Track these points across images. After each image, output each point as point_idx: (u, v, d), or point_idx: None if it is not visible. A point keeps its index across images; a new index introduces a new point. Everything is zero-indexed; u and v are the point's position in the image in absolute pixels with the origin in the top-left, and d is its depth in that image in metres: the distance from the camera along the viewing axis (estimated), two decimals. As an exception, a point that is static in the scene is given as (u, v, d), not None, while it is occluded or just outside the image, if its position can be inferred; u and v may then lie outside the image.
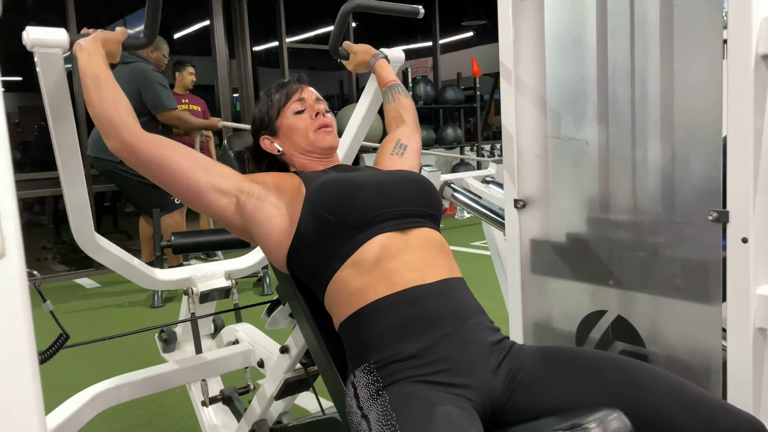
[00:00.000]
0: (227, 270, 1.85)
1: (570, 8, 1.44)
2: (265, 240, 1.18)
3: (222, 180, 1.17)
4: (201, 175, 1.15)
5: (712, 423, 0.91)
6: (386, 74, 1.59)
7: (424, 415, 0.89)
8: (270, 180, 1.22)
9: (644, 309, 1.40)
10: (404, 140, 1.45)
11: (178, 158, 1.14)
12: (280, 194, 1.19)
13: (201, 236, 2.30)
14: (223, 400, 1.82)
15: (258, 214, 1.17)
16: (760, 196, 1.19)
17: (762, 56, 1.15)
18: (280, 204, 1.18)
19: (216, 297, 1.82)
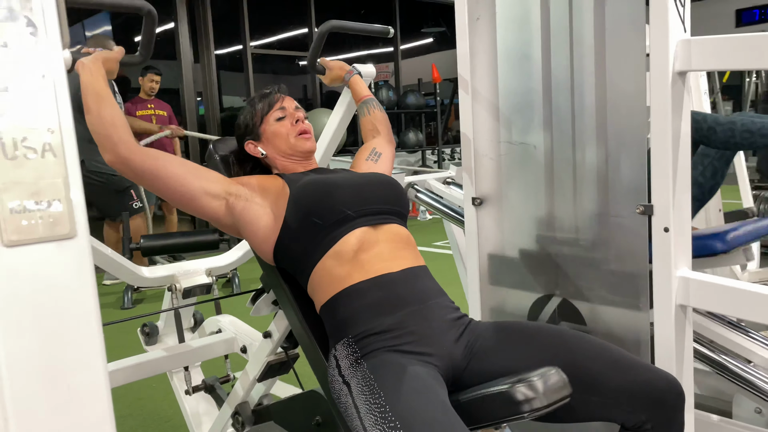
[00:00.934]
0: (208, 267, 1.98)
1: (518, 28, 1.63)
2: (252, 236, 1.33)
3: (212, 185, 1.30)
4: (193, 181, 1.28)
5: (632, 377, 1.11)
6: (360, 90, 1.75)
7: (398, 375, 1.06)
8: (255, 182, 1.37)
9: (585, 292, 1.60)
10: (379, 149, 1.62)
11: (171, 168, 1.26)
12: (265, 194, 1.34)
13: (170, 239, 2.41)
14: (205, 389, 1.95)
15: (246, 214, 1.31)
16: (679, 192, 1.40)
17: (678, 73, 1.35)
18: (265, 203, 1.32)
19: (198, 293, 1.95)
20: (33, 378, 0.62)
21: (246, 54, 7.53)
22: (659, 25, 1.34)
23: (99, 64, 1.28)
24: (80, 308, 0.65)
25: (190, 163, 1.32)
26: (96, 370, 0.66)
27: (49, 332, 0.63)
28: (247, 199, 1.32)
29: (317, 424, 1.46)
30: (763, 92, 2.92)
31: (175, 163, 1.29)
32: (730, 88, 9.34)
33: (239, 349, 1.82)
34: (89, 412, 0.66)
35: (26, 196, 0.62)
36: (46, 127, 0.64)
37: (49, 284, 0.63)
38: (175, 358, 1.78)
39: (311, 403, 1.47)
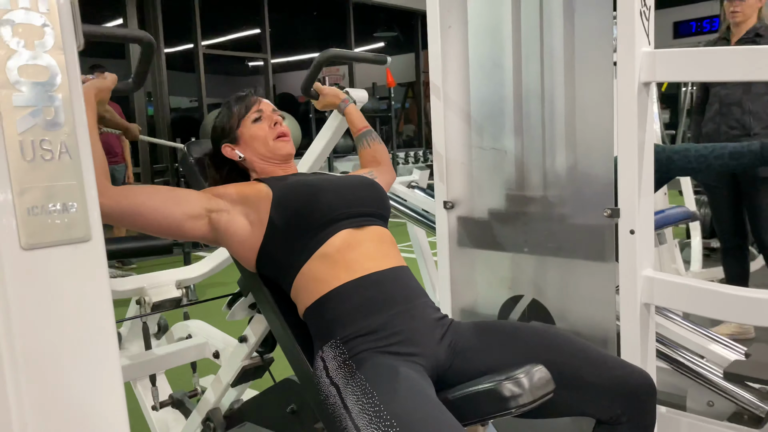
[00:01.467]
0: (178, 279, 1.91)
1: (490, 37, 1.68)
2: (236, 245, 1.31)
3: (193, 207, 1.26)
4: (175, 210, 1.23)
5: (608, 373, 1.16)
6: (358, 121, 1.74)
7: (390, 376, 1.07)
8: (233, 191, 1.34)
9: (554, 292, 1.66)
10: (375, 173, 1.61)
11: (149, 202, 1.20)
12: (246, 202, 1.31)
13: (120, 243, 2.36)
14: (173, 404, 1.90)
15: (231, 226, 1.29)
16: (643, 196, 1.47)
17: (643, 83, 1.43)
18: (248, 212, 1.30)
19: (167, 307, 1.86)
20: (49, 377, 0.62)
21: (197, 54, 7.40)
22: (626, 38, 1.41)
23: (91, 95, 1.21)
24: (95, 311, 0.65)
25: (165, 189, 1.26)
26: (112, 370, 0.66)
27: (65, 334, 0.63)
28: (229, 212, 1.29)
29: (292, 411, 1.46)
30: (695, 104, 3.11)
31: (153, 194, 1.23)
32: (667, 97, 9.78)
33: (211, 354, 1.80)
34: (104, 408, 0.66)
35: (43, 199, 0.62)
36: (62, 129, 0.63)
37: (65, 287, 0.63)
38: (144, 366, 1.74)
39: (285, 392, 1.46)
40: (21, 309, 0.60)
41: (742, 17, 2.76)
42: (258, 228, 1.29)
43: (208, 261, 1.96)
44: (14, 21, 0.61)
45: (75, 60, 0.65)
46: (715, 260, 4.49)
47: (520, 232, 1.70)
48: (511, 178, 1.69)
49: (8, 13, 0.61)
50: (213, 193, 1.33)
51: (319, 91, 1.77)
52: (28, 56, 0.62)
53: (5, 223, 0.59)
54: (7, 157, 0.59)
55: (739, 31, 2.80)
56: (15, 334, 0.60)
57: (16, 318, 0.60)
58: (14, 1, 0.61)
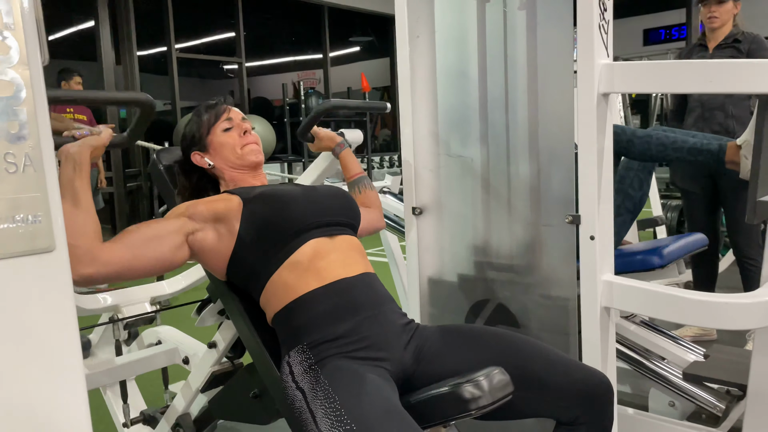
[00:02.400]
0: (152, 296, 1.88)
1: (456, 47, 1.73)
2: (207, 258, 1.32)
3: (174, 239, 1.25)
4: (165, 250, 1.23)
5: (568, 376, 1.20)
6: (353, 167, 1.77)
7: (352, 380, 1.10)
8: (203, 208, 1.33)
9: (519, 296, 1.71)
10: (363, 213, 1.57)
11: (138, 253, 1.18)
12: (216, 218, 1.31)
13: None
14: (144, 421, 1.90)
15: (204, 243, 1.30)
16: (603, 203, 1.52)
17: (602, 94, 1.48)
18: (218, 226, 1.31)
19: (140, 324, 1.85)
20: (13, 386, 0.63)
21: (171, 56, 7.35)
22: (585, 50, 1.46)
23: (86, 156, 1.19)
24: (59, 317, 0.67)
25: (146, 231, 1.24)
26: (75, 377, 0.67)
27: (29, 341, 0.64)
28: (202, 230, 1.30)
29: (254, 395, 1.47)
30: (670, 111, 3.18)
31: (143, 242, 1.20)
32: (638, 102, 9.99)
33: (181, 360, 1.81)
34: (67, 416, 0.68)
35: (7, 210, 0.63)
36: (27, 143, 0.65)
37: (29, 295, 0.65)
38: (114, 372, 1.74)
39: (245, 379, 1.48)
40: (-15, 318, 0.62)
41: (719, 23, 2.82)
42: (228, 239, 1.30)
43: (182, 278, 1.93)
44: (-22, 38, 0.62)
45: (40, 75, 0.67)
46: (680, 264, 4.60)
47: (486, 237, 1.74)
48: (477, 184, 1.73)
49: (-28, 30, 0.62)
50: (186, 214, 1.31)
51: (316, 134, 1.80)
52: (-8, 71, 0.63)
53: (-31, 234, 0.60)
54: (-29, 170, 0.61)
55: (716, 37, 2.86)
56: (-22, 343, 0.61)
57: (-20, 327, 0.61)
58: (-22, 18, 0.63)
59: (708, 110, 2.87)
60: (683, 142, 1.81)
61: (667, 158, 1.86)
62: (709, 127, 2.85)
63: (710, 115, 2.86)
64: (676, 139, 1.83)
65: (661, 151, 1.83)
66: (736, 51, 2.79)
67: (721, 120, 2.84)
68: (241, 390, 1.50)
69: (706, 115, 2.88)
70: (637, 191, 1.94)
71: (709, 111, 2.87)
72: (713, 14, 2.81)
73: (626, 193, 1.93)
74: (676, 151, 1.82)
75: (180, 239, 1.26)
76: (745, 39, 2.79)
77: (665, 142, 1.83)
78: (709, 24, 2.84)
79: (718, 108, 2.84)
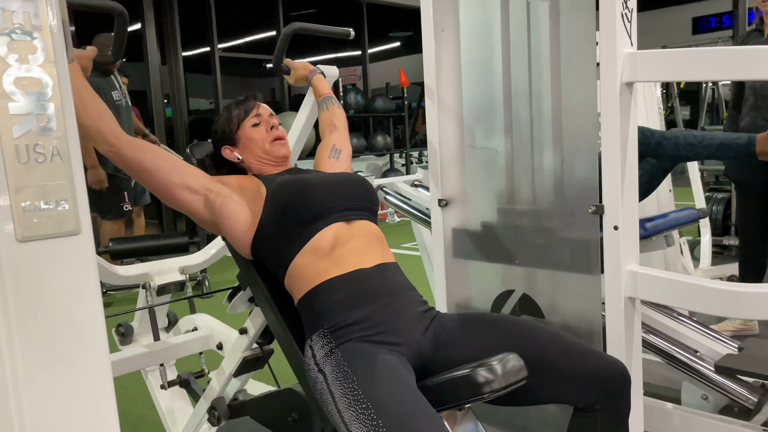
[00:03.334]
0: (181, 265, 2.04)
1: (481, 40, 1.74)
2: (231, 231, 1.40)
3: (192, 180, 1.37)
4: (176, 175, 1.35)
5: (583, 363, 1.21)
6: (321, 87, 1.84)
7: (370, 362, 1.14)
8: (234, 182, 1.44)
9: (543, 287, 1.71)
10: (339, 145, 1.71)
11: (157, 160, 1.33)
12: (243, 193, 1.41)
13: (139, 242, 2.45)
14: (180, 384, 2.00)
15: (225, 209, 1.38)
16: (627, 193, 1.52)
17: (625, 84, 1.47)
18: (243, 201, 1.40)
19: (171, 290, 2.00)
20: (43, 357, 0.69)
21: (214, 56, 7.53)
22: (608, 40, 1.46)
23: (74, 61, 1.31)
24: (85, 296, 0.72)
25: (175, 159, 1.39)
26: (99, 351, 0.73)
27: (56, 316, 0.70)
28: (226, 196, 1.39)
29: (293, 420, 1.53)
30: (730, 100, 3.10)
31: (162, 155, 1.35)
32: (687, 93, 9.70)
33: (215, 345, 1.88)
34: (92, 390, 0.73)
35: (37, 197, 0.69)
36: (54, 134, 0.71)
37: (57, 274, 0.70)
38: (153, 355, 1.83)
39: (287, 400, 1.53)
40: (17, 294, 0.68)
41: None
42: (252, 218, 1.38)
43: (208, 248, 2.07)
44: (10, 38, 0.68)
45: (65, 72, 0.72)
46: (726, 258, 4.48)
47: (510, 229, 1.75)
48: (502, 175, 1.74)
49: (4, 31, 0.69)
50: (216, 179, 1.43)
51: (290, 65, 1.88)
52: (23, 69, 0.69)
53: (2, 217, 0.67)
54: (4, 160, 0.67)
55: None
56: (12, 318, 0.67)
57: (12, 302, 0.67)
58: (9, 20, 0.69)
59: (761, 98, 2.79)
60: (711, 139, 1.80)
61: (698, 157, 1.85)
62: (762, 116, 2.77)
63: (763, 103, 2.78)
64: (704, 137, 1.82)
65: (690, 150, 1.83)
66: None
67: None
68: (281, 409, 1.56)
69: (759, 104, 2.79)
70: (643, 184, 1.93)
71: (762, 99, 2.78)
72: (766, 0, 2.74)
73: None
74: (705, 149, 1.81)
75: (196, 185, 1.37)
76: None
77: (693, 142, 1.82)
78: (765, 7, 2.77)
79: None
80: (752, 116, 2.82)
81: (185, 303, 2.14)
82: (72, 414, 0.71)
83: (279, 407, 1.59)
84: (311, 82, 1.87)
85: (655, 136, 1.87)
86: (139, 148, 1.31)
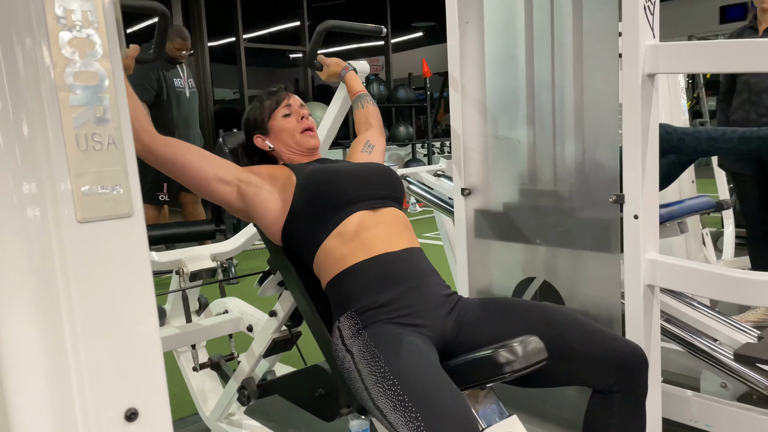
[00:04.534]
0: (213, 253, 2.11)
1: (505, 32, 1.77)
2: (263, 219, 1.46)
3: (225, 172, 1.43)
4: (209, 169, 1.41)
5: (602, 345, 1.26)
6: (355, 85, 1.89)
7: (396, 342, 1.20)
8: (265, 171, 1.50)
9: (564, 274, 1.75)
10: (372, 141, 1.76)
11: (189, 156, 1.39)
12: (274, 182, 1.47)
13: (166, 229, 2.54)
14: (211, 366, 2.08)
15: (256, 199, 1.44)
16: (647, 183, 1.54)
17: (647, 75, 1.50)
18: (274, 190, 1.46)
19: (204, 276, 2.08)
20: (100, 326, 0.76)
21: (239, 47, 7.62)
22: (630, 32, 1.48)
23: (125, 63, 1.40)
24: (137, 272, 0.79)
25: (206, 153, 1.45)
26: (150, 323, 0.80)
27: (114, 291, 0.77)
28: (258, 186, 1.45)
29: (320, 395, 1.59)
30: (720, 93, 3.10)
31: (193, 151, 1.41)
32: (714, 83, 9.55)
33: (245, 328, 1.96)
34: (145, 352, 0.80)
35: (95, 182, 0.76)
36: (110, 124, 0.77)
37: (112, 253, 0.77)
38: (186, 336, 1.91)
39: (314, 376, 1.60)
40: (77, 270, 0.74)
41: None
42: (283, 206, 1.43)
43: (238, 237, 2.14)
44: (71, 34, 0.75)
45: (119, 66, 0.79)
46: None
47: (531, 218, 1.79)
48: (524, 165, 1.78)
49: (65, 29, 0.75)
50: (247, 169, 1.49)
51: (323, 62, 1.92)
52: (81, 64, 0.75)
53: (65, 201, 0.73)
54: (66, 148, 0.73)
55: (766, 20, 2.78)
56: (72, 291, 0.74)
57: (74, 276, 0.74)
58: (70, 18, 0.75)
59: (755, 93, 2.78)
60: (732, 132, 1.83)
61: (719, 151, 1.88)
62: (755, 110, 2.77)
63: (757, 98, 2.78)
64: (725, 131, 1.85)
65: (711, 144, 1.85)
66: None
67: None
68: (308, 385, 1.62)
69: (753, 99, 2.79)
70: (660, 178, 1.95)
71: (756, 94, 2.78)
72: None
73: None
74: (727, 143, 1.83)
75: (229, 177, 1.42)
76: None
77: (714, 136, 1.85)
78: (760, 4, 2.75)
79: (766, 91, 2.75)
80: (745, 110, 2.82)
81: (214, 287, 2.22)
82: (125, 378, 0.78)
83: (306, 383, 1.65)
84: (344, 79, 1.91)
85: (677, 132, 1.90)
86: (170, 146, 1.36)
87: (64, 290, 0.74)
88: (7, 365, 0.72)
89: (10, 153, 0.72)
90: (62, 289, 0.74)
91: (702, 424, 1.88)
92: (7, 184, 0.72)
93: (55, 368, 0.74)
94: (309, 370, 1.64)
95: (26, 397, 0.73)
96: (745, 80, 2.85)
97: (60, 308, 0.74)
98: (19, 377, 0.73)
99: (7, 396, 0.72)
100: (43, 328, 0.73)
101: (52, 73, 0.73)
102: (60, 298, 0.74)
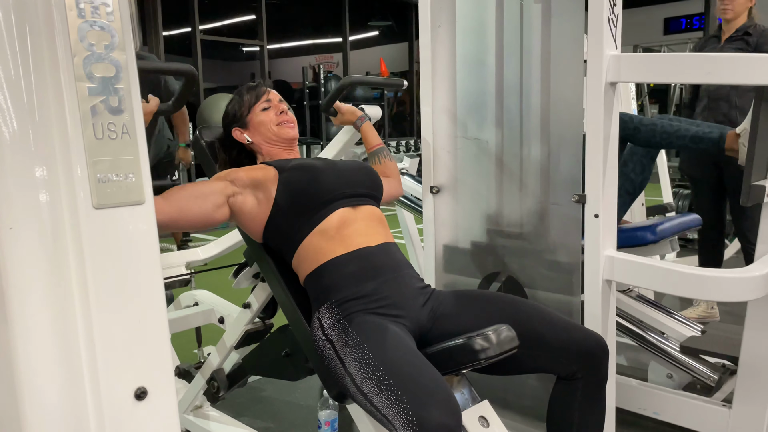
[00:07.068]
0: (188, 261, 2.07)
1: (475, 37, 1.85)
2: (246, 221, 1.47)
3: (217, 198, 1.42)
4: (208, 207, 1.39)
5: (568, 335, 1.34)
6: (372, 138, 1.91)
7: (378, 331, 1.25)
8: (243, 175, 1.48)
9: (527, 269, 1.84)
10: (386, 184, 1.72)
11: (187, 206, 1.35)
12: (255, 185, 1.47)
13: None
14: (179, 375, 2.07)
15: (243, 206, 1.45)
16: (607, 184, 1.65)
17: (609, 83, 1.60)
18: (256, 192, 1.46)
19: (176, 286, 2.04)
20: (111, 304, 0.79)
21: (195, 38, 7.50)
22: (595, 42, 1.58)
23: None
24: (147, 256, 0.82)
25: (195, 189, 1.40)
26: (159, 306, 0.83)
27: (124, 273, 0.80)
28: (242, 193, 1.46)
29: (286, 354, 1.62)
30: (687, 99, 3.27)
31: (188, 198, 1.37)
32: (657, 91, 9.97)
33: (217, 320, 1.97)
34: (153, 334, 0.83)
35: (109, 170, 0.78)
36: (123, 114, 0.80)
37: (125, 238, 0.80)
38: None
39: (279, 339, 1.63)
40: (92, 252, 0.77)
41: (732, 15, 2.87)
42: (265, 205, 1.46)
43: (216, 245, 2.11)
44: (90, 27, 0.77)
45: (133, 58, 0.81)
46: (690, 251, 4.70)
47: (497, 216, 1.87)
48: (491, 166, 1.86)
49: (83, 22, 0.77)
50: (227, 179, 1.47)
51: (338, 109, 1.94)
52: (98, 56, 0.78)
53: (83, 187, 0.76)
54: (83, 136, 0.76)
55: (729, 29, 2.92)
56: (88, 270, 0.77)
57: (89, 258, 0.77)
58: (88, 12, 0.78)
59: (713, 100, 2.95)
60: (686, 130, 1.92)
61: (671, 146, 1.98)
62: (713, 116, 2.94)
63: (715, 105, 2.95)
64: (679, 128, 1.94)
65: (665, 138, 1.95)
66: (744, 44, 2.86)
67: (725, 110, 2.92)
68: (274, 348, 1.65)
69: (711, 105, 2.96)
70: (638, 175, 2.05)
71: (714, 101, 2.95)
72: (726, 6, 2.86)
73: (627, 177, 2.05)
74: (679, 139, 1.94)
75: (221, 199, 1.42)
76: (755, 32, 2.85)
77: (669, 131, 1.94)
78: (722, 15, 2.90)
79: (723, 99, 2.92)
80: (704, 116, 2.99)
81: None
82: (136, 359, 0.81)
83: (272, 349, 1.67)
84: (360, 129, 1.94)
85: (633, 121, 1.99)
86: (169, 203, 1.32)
87: (77, 274, 0.76)
88: (20, 346, 0.74)
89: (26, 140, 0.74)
90: (75, 272, 0.76)
91: (650, 411, 2.02)
92: (26, 170, 0.74)
93: (68, 348, 0.76)
94: (274, 335, 1.67)
95: (39, 377, 0.75)
96: (705, 88, 3.00)
97: (73, 291, 0.76)
98: (32, 357, 0.75)
99: (21, 377, 0.75)
100: (57, 309, 0.76)
101: (71, 63, 0.75)
102: (72, 281, 0.76)
